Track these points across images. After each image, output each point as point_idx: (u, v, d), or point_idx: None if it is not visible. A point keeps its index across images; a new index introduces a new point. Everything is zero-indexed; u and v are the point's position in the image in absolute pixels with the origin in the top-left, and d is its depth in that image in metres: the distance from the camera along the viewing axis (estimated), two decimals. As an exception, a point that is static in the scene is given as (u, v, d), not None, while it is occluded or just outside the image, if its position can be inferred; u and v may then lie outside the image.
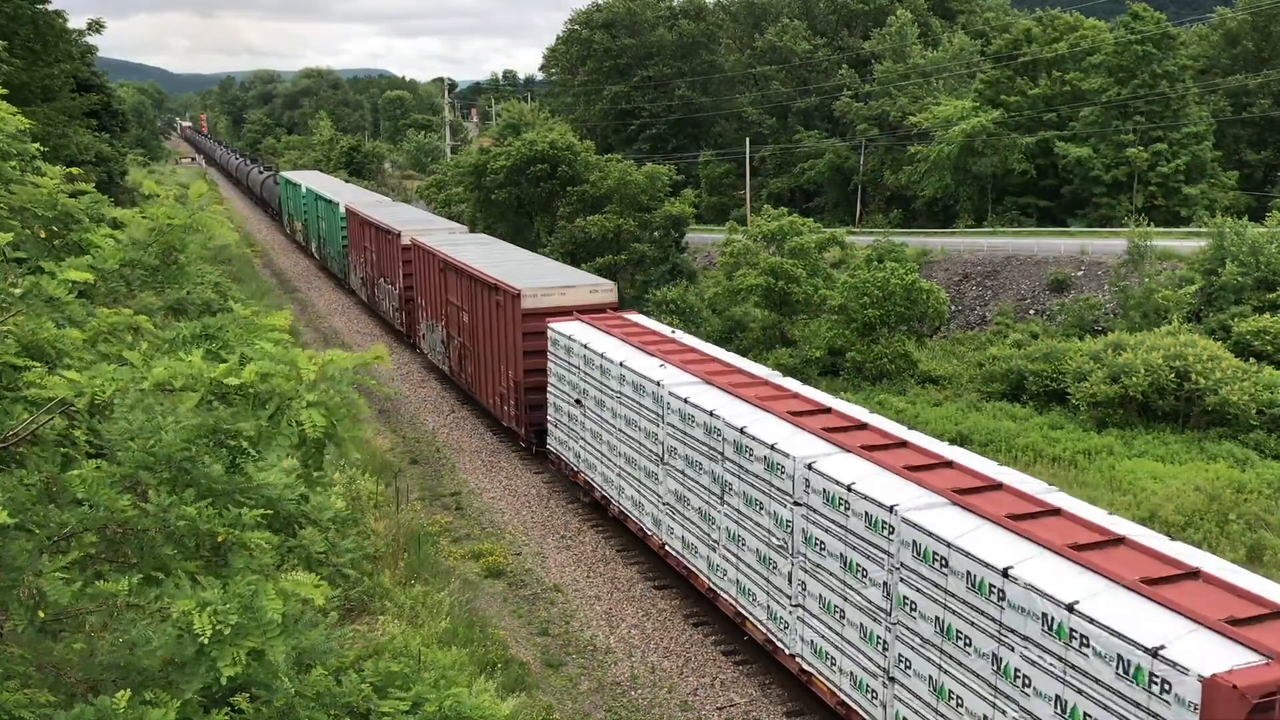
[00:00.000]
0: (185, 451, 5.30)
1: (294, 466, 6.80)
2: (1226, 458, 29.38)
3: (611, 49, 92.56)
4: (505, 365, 26.64)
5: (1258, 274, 38.98)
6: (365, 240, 42.75)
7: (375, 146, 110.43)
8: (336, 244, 49.32)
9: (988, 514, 12.36)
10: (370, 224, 41.44)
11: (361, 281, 45.06)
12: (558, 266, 30.79)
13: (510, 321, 25.90)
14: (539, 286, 25.73)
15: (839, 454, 14.71)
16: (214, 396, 5.25)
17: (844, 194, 79.23)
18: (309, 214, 57.28)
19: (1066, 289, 47.33)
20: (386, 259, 39.24)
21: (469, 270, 28.95)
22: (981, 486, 13.36)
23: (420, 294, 35.20)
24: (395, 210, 45.53)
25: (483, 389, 29.00)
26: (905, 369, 38.76)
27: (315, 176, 68.71)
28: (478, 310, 28.52)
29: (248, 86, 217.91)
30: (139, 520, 5.29)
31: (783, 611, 15.34)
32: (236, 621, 4.71)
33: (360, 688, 5.83)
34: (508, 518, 23.44)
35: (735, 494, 16.51)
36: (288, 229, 67.98)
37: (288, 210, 67.00)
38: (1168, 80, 63.17)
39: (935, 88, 74.78)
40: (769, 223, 46.12)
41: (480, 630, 17.29)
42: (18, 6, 31.16)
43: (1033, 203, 66.41)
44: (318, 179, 65.32)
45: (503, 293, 26.36)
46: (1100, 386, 32.52)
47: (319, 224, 54.12)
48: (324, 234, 52.79)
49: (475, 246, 33.66)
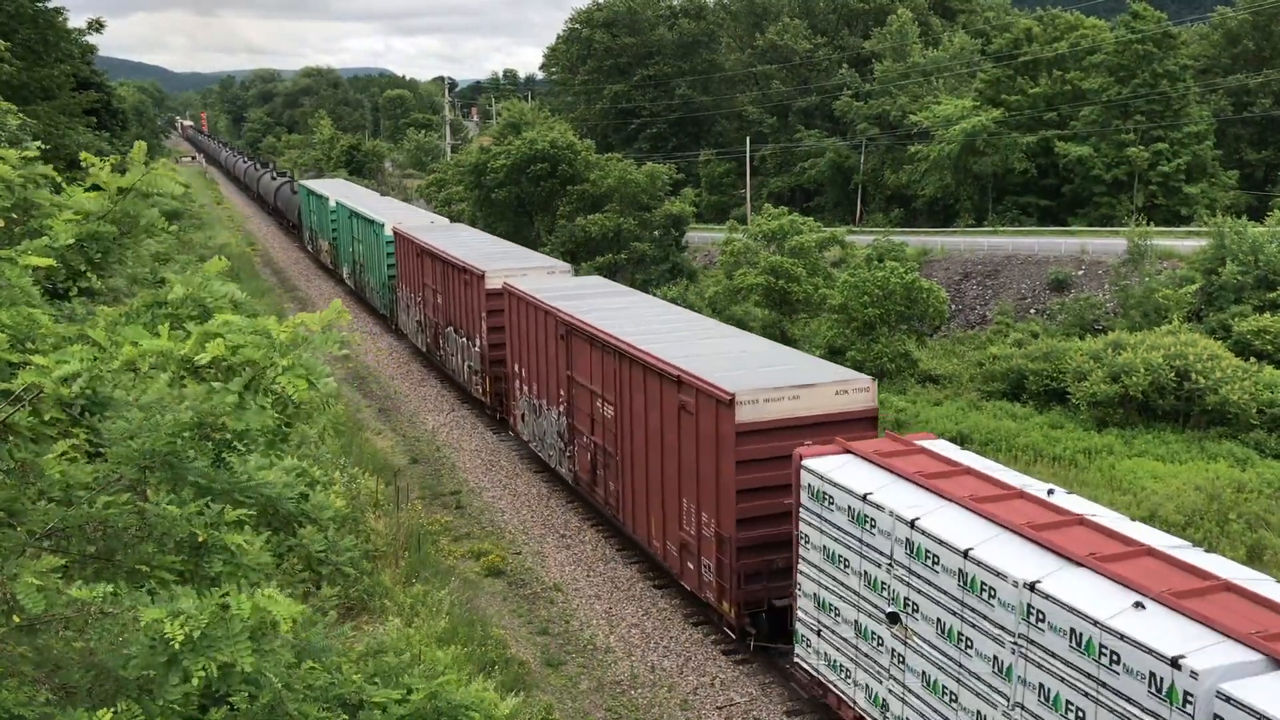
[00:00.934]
0: (170, 445, 5.29)
1: (294, 465, 6.80)
2: (1227, 457, 29.39)
3: (612, 48, 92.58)
4: (696, 501, 17.62)
5: (1258, 273, 38.98)
6: (425, 275, 33.88)
7: (375, 145, 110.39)
8: (379, 274, 40.79)
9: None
10: (434, 256, 32.44)
11: (418, 326, 35.82)
12: (779, 351, 20.14)
13: (711, 438, 16.99)
14: (763, 388, 16.62)
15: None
16: (185, 373, 5.20)
17: (844, 193, 79.23)
18: (340, 233, 48.73)
19: (1067, 288, 47.32)
20: (460, 304, 30.37)
21: (619, 344, 19.97)
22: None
23: (520, 360, 25.97)
24: (464, 237, 35.70)
25: (640, 521, 19.99)
26: (905, 368, 38.75)
27: (343, 187, 58.48)
28: (636, 404, 19.61)
29: (248, 85, 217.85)
30: (117, 518, 5.28)
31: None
32: (207, 632, 4.68)
33: (352, 678, 5.84)
34: (508, 517, 23.44)
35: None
36: (310, 247, 58.60)
37: (310, 225, 57.55)
38: (1168, 80, 63.16)
39: (936, 87, 74.79)
40: (769, 222, 46.13)
41: (480, 629, 17.29)
42: (19, 5, 31.16)
43: (1033, 202, 66.42)
44: (348, 190, 55.22)
45: (696, 391, 17.29)
46: (1100, 386, 32.52)
47: (354, 247, 45.32)
48: (361, 259, 44.01)
49: (607, 299, 24.67)
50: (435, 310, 33.13)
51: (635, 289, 32.39)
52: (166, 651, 4.66)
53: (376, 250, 40.48)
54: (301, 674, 5.67)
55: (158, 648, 4.71)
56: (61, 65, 33.75)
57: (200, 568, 5.31)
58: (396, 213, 43.31)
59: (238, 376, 5.18)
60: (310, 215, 57.18)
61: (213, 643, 4.69)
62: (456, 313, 30.84)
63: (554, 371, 23.49)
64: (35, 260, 5.51)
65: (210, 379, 5.21)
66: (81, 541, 5.34)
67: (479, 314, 28.55)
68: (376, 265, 41.02)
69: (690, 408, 17.48)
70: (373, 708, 5.79)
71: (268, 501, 6.00)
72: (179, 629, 4.60)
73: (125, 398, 5.30)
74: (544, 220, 56.13)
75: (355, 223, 44.38)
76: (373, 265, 41.88)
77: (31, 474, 5.21)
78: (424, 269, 33.89)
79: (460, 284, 29.98)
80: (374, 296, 42.71)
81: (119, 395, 5.33)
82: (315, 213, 55.13)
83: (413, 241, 34.94)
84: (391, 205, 48.17)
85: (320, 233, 53.88)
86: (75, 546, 5.37)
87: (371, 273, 42.35)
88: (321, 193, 53.16)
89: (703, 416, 17.13)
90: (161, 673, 4.70)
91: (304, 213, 59.66)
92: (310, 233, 57.75)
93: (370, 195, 53.65)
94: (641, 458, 19.50)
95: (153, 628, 4.67)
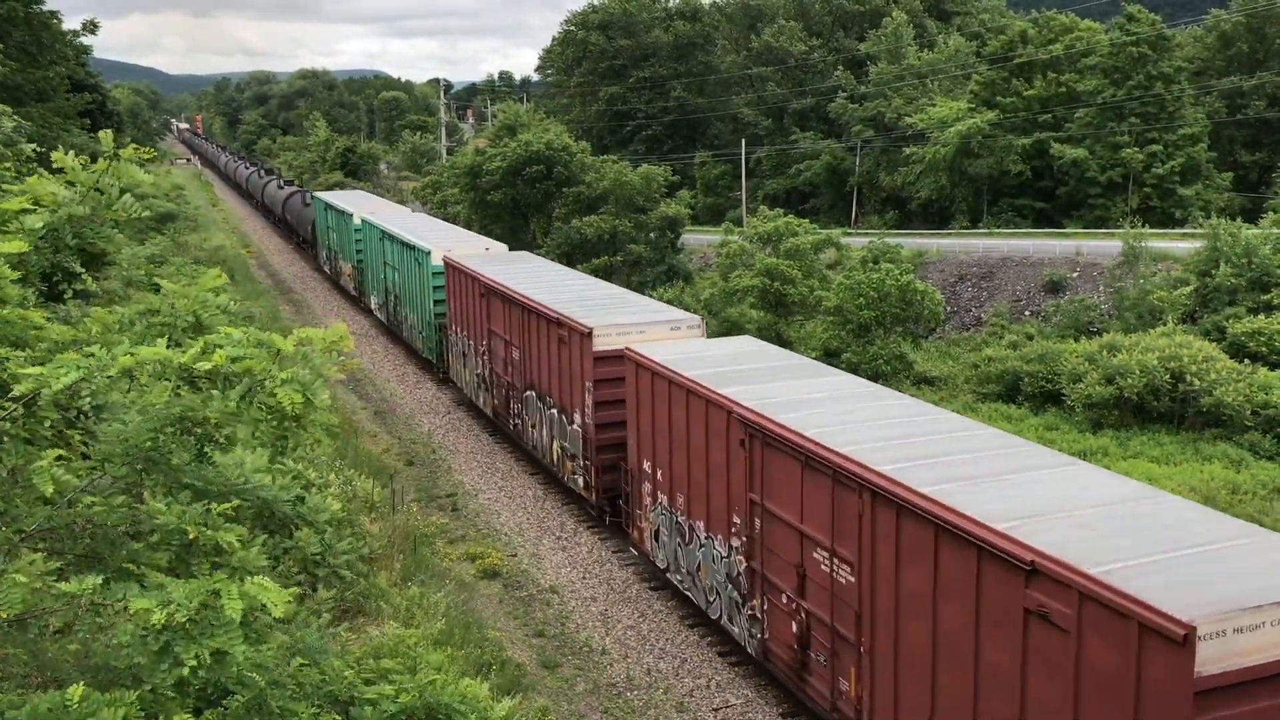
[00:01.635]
0: (152, 440, 5.31)
1: (290, 468, 6.80)
2: (1221, 459, 29.45)
3: (607, 50, 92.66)
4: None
5: (1252, 275, 39.07)
6: (492, 320, 26.94)
7: (371, 147, 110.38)
8: (423, 311, 33.50)
9: None
10: (508, 299, 25.48)
11: (480, 383, 28.63)
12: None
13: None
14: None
15: None
16: (183, 382, 5.23)
17: (840, 195, 79.34)
18: (367, 257, 41.79)
19: (1062, 290, 47.41)
20: (549, 365, 23.41)
21: (886, 488, 12.15)
22: None
23: (653, 457, 18.84)
24: (542, 274, 28.10)
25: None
26: (901, 370, 38.80)
27: (367, 201, 50.60)
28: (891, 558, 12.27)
29: (243, 87, 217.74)
30: (105, 515, 5.30)
31: None
32: (195, 615, 4.71)
33: (343, 676, 5.86)
34: (504, 519, 23.43)
35: None
36: (328, 268, 51.53)
37: (328, 244, 50.69)
38: (1163, 82, 63.32)
39: (931, 89, 74.91)
40: (765, 224, 46.19)
41: (476, 631, 17.28)
42: (12, 7, 31.13)
43: (1028, 204, 66.56)
44: (374, 206, 47.35)
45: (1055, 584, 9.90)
46: (1095, 388, 32.58)
47: (389, 275, 37.92)
48: (399, 291, 36.71)
49: (797, 379, 17.10)
50: (509, 368, 26.11)
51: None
52: (158, 640, 4.68)
53: (419, 282, 33.51)
54: (292, 671, 5.68)
55: (149, 637, 4.72)
56: (56, 67, 33.73)
57: (189, 567, 5.32)
58: (439, 235, 35.96)
59: (235, 386, 5.21)
60: (328, 233, 50.27)
61: (204, 630, 4.71)
62: (543, 376, 23.74)
63: (725, 487, 16.25)
64: (10, 247, 5.50)
65: (207, 389, 5.24)
66: (71, 540, 5.35)
67: (582, 383, 21.58)
68: (419, 300, 33.85)
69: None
70: (364, 705, 5.82)
71: (264, 504, 6.01)
72: (166, 616, 4.62)
73: (123, 400, 5.31)
74: (540, 222, 56.15)
75: (389, 246, 37.37)
76: (413, 299, 34.66)
77: (21, 478, 5.21)
78: (490, 312, 27.04)
79: (549, 339, 23.15)
80: (415, 336, 35.21)
81: (116, 398, 5.34)
82: (335, 230, 48.35)
83: (474, 277, 28.01)
84: (432, 225, 40.46)
85: (341, 254, 47.17)
86: (66, 546, 5.37)
87: (411, 308, 35.10)
88: (343, 208, 46.24)
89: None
90: (152, 661, 4.71)
91: (320, 229, 52.65)
92: (329, 253, 50.79)
93: (401, 212, 46.49)
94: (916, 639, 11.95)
95: (142, 617, 4.68)
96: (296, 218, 60.91)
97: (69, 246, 5.91)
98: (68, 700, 4.51)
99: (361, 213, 43.10)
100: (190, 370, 5.16)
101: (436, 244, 32.77)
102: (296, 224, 61.32)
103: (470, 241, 35.11)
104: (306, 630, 6.18)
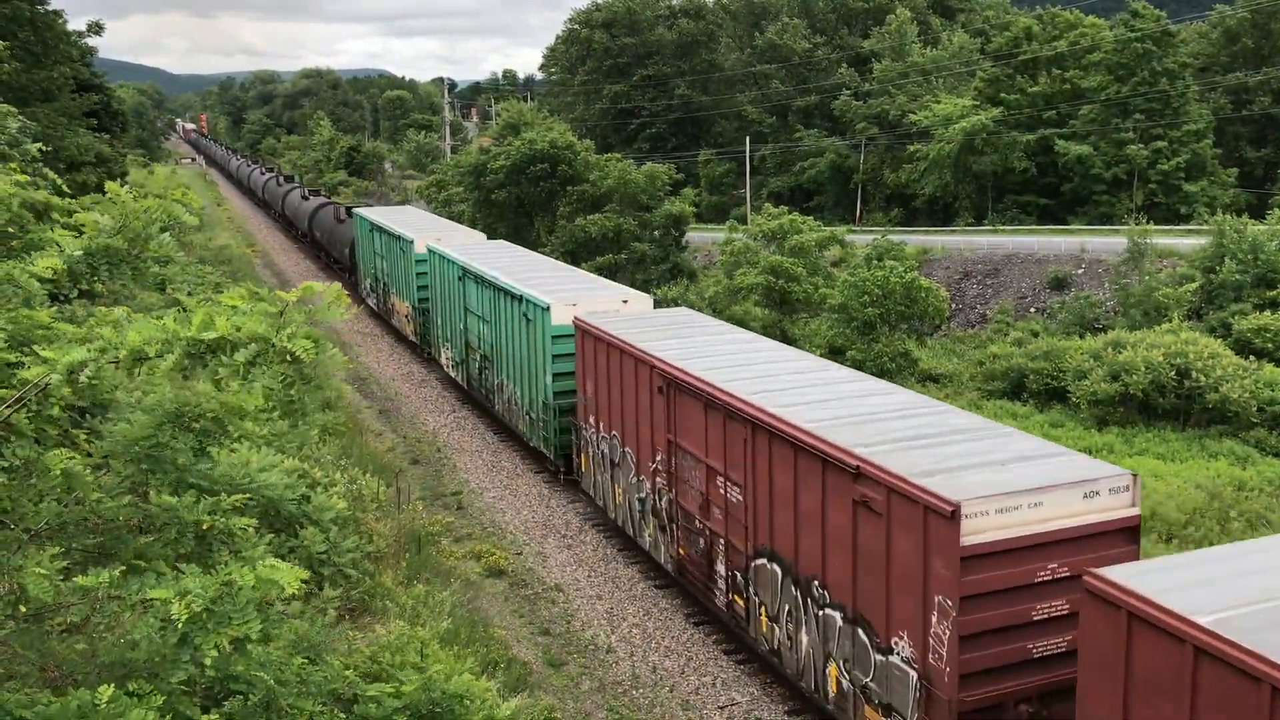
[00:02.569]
0: (151, 436, 5.35)
1: (295, 466, 6.83)
2: (1227, 455, 29.40)
3: (611, 48, 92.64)
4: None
5: (1257, 271, 39.00)
6: (681, 427, 17.84)
7: (375, 147, 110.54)
8: (536, 386, 24.28)
9: None
10: (717, 402, 16.49)
11: (651, 515, 19.51)
12: None
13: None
14: None
15: None
16: (190, 357, 5.27)
17: (844, 193, 79.28)
18: (436, 298, 32.70)
19: (1067, 287, 47.35)
20: (820, 539, 14.02)
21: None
22: None
23: None
24: (748, 351, 19.23)
25: None
26: (906, 368, 38.77)
27: (427, 221, 40.95)
28: None
29: (247, 87, 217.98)
30: (116, 512, 5.34)
31: None
32: (212, 605, 4.76)
33: (344, 674, 5.89)
34: (509, 517, 23.45)
35: None
36: (375, 303, 41.95)
37: (374, 272, 41.21)
38: (1167, 78, 63.20)
39: (935, 86, 74.84)
40: (769, 221, 46.16)
41: (482, 630, 17.30)
42: (17, 8, 31.21)
43: (1033, 201, 66.48)
44: (441, 230, 37.46)
45: None
46: (1100, 385, 32.53)
47: (473, 326, 28.88)
48: (489, 350, 27.64)
49: None
50: (713, 511, 17.05)
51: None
52: (177, 632, 4.73)
53: (529, 345, 24.40)
54: (296, 669, 5.71)
55: (167, 630, 4.77)
56: (61, 67, 33.81)
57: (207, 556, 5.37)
58: (546, 278, 26.35)
59: (244, 349, 5.27)
60: (374, 259, 40.93)
61: (221, 619, 4.76)
62: (784, 529, 14.95)
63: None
64: (46, 263, 5.59)
65: (216, 362, 5.28)
66: (82, 537, 5.39)
67: (925, 593, 12.02)
68: (529, 370, 24.66)
69: None
70: (367, 702, 5.85)
71: (269, 503, 6.03)
72: (185, 608, 4.67)
73: (129, 399, 5.34)
74: (544, 221, 56.18)
75: (476, 290, 28.06)
76: (520, 367, 25.15)
77: (35, 472, 5.26)
78: (677, 415, 17.95)
79: (802, 474, 14.32)
80: (522, 420, 25.61)
81: (122, 397, 5.37)
82: (384, 258, 39.08)
83: (638, 356, 19.15)
84: (531, 263, 29.63)
85: (395, 288, 37.87)
86: (75, 544, 5.41)
87: (517, 379, 25.49)
88: (397, 231, 36.66)
89: None
90: (171, 653, 4.76)
91: (362, 253, 43.43)
92: (375, 284, 41.19)
93: (475, 239, 36.15)
94: None
95: (159, 609, 4.74)
96: (328, 236, 51.31)
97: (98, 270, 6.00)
98: (97, 700, 4.55)
99: (424, 238, 34.20)
100: (198, 342, 5.20)
101: (554, 293, 23.93)
102: (327, 243, 51.71)
103: (596, 290, 25.21)
104: (310, 629, 6.21)
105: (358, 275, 44.75)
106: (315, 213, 55.03)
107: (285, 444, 11.36)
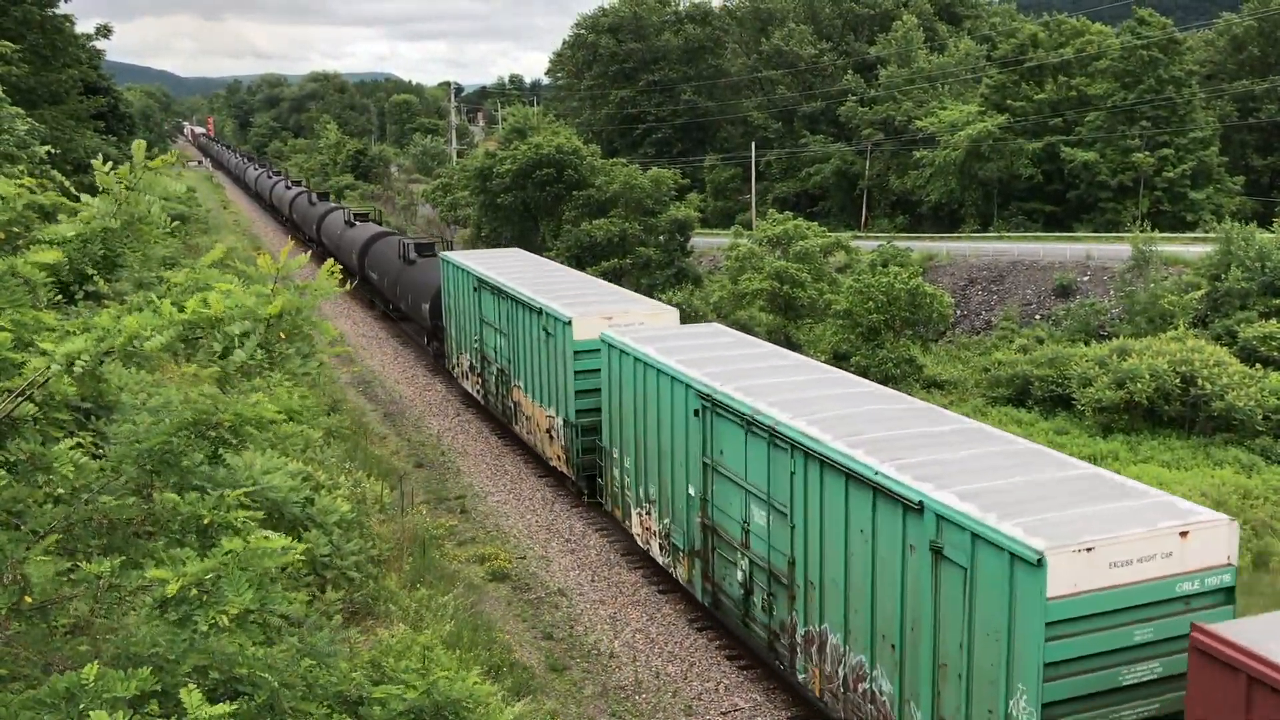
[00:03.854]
0: (166, 442, 5.38)
1: (299, 469, 6.84)
2: (1232, 463, 29.35)
3: (617, 53, 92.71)
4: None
5: (1263, 279, 38.93)
6: None
7: (381, 150, 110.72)
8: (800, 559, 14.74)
9: None
10: None
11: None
12: None
13: None
14: None
15: None
16: (183, 342, 5.29)
17: (849, 198, 79.23)
18: (621, 420, 20.27)
19: (1072, 294, 47.29)
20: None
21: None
22: None
23: None
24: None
25: None
26: (910, 373, 38.75)
27: (569, 280, 27.85)
28: None
29: (254, 90, 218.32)
30: (121, 510, 5.35)
31: None
32: (205, 579, 4.81)
33: (351, 676, 5.90)
34: (512, 521, 23.45)
35: None
36: (469, 384, 30.85)
37: (479, 345, 28.94)
38: (1174, 85, 63.13)
39: (941, 92, 74.82)
40: (774, 227, 46.17)
41: (485, 634, 17.30)
42: (28, 11, 31.30)
43: (1038, 207, 66.41)
44: (607, 301, 24.09)
45: None
46: (1106, 392, 32.48)
47: (658, 460, 18.91)
48: (698, 507, 17.61)
49: None
50: None
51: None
52: (177, 611, 4.76)
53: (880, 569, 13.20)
54: (301, 671, 5.72)
55: (168, 609, 4.79)
56: (69, 70, 33.89)
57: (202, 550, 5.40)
58: (864, 400, 16.42)
59: (239, 322, 5.30)
60: (481, 327, 28.73)
61: (219, 597, 4.79)
62: None
63: None
64: (43, 255, 5.59)
65: (210, 338, 5.30)
66: (87, 536, 5.41)
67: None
68: (762, 533, 15.78)
69: None
70: (372, 704, 5.85)
71: (273, 505, 6.05)
72: (180, 585, 4.71)
73: (133, 400, 5.36)
74: (549, 225, 56.22)
75: (681, 400, 17.90)
76: (842, 591, 13.92)
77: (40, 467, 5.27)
78: None
79: None
80: (737, 619, 16.92)
81: (126, 399, 5.39)
82: (503, 332, 26.89)
83: None
84: (805, 372, 18.52)
85: (524, 381, 25.75)
86: (80, 545, 5.43)
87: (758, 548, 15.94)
88: (525, 296, 24.88)
89: None
90: (171, 633, 4.80)
91: (458, 312, 30.93)
92: (478, 361, 29.41)
93: (663, 317, 22.98)
94: None
95: (159, 590, 4.77)
96: (393, 280, 37.20)
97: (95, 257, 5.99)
98: (83, 680, 4.57)
99: (586, 313, 22.51)
100: (195, 324, 5.21)
101: (850, 442, 13.94)
102: (388, 287, 37.95)
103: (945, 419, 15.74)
104: (317, 634, 6.21)
105: (444, 340, 32.93)
106: (370, 245, 40.71)
107: (289, 446, 11.37)
